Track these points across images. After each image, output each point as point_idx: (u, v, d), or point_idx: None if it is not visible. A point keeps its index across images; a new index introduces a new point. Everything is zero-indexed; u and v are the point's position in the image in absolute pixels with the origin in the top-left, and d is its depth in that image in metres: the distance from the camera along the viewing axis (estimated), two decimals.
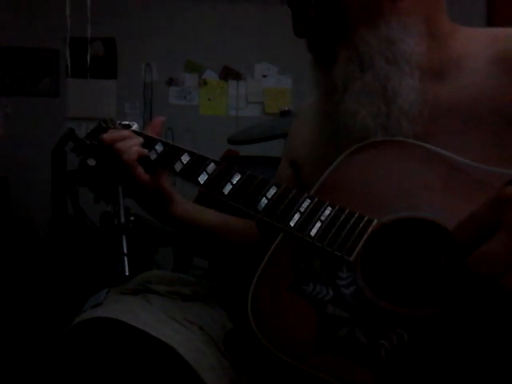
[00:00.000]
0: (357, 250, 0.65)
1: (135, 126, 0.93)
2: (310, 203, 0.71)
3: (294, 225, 0.70)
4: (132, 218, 0.88)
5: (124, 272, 0.81)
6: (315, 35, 0.81)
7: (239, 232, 0.97)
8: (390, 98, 0.76)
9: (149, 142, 0.89)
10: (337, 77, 0.78)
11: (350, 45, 0.78)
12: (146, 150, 0.86)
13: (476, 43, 0.79)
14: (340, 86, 0.78)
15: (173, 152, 0.86)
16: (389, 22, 0.77)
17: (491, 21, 3.70)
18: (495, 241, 0.50)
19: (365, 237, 0.65)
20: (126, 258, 0.82)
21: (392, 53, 0.76)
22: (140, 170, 0.84)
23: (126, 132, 0.89)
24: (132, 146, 0.85)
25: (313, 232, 0.68)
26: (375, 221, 0.66)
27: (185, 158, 0.84)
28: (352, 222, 0.67)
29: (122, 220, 0.86)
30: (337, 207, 0.69)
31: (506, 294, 0.50)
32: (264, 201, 0.74)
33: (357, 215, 0.67)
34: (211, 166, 0.82)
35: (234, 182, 0.78)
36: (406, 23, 0.77)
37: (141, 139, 0.88)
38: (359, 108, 0.77)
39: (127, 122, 0.94)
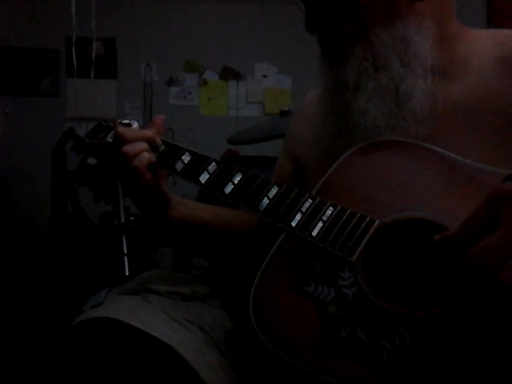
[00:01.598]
0: (358, 250, 0.64)
1: (135, 125, 0.92)
2: (311, 203, 0.71)
3: (296, 225, 0.69)
4: (132, 218, 0.88)
5: (124, 272, 0.81)
6: (329, 31, 0.80)
7: (234, 225, 0.97)
8: (401, 100, 0.76)
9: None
10: (349, 74, 0.78)
11: (364, 43, 0.77)
12: (154, 158, 0.84)
13: (481, 45, 0.80)
14: (351, 84, 0.78)
15: (174, 151, 0.85)
16: (406, 22, 0.76)
17: (491, 21, 3.70)
18: (494, 235, 0.52)
19: (367, 237, 0.65)
20: (126, 258, 0.82)
21: (407, 54, 0.76)
22: (148, 175, 0.82)
23: (135, 132, 0.86)
24: (142, 152, 0.82)
25: (314, 232, 0.68)
26: (377, 221, 0.66)
27: (186, 158, 0.83)
28: (354, 222, 0.67)
29: (122, 220, 0.85)
30: (338, 207, 0.69)
31: (503, 286, 0.50)
32: (265, 201, 0.74)
33: (358, 215, 0.67)
34: (212, 166, 0.81)
35: (236, 182, 0.78)
36: (422, 24, 0.77)
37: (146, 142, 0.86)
38: (371, 107, 0.76)
39: (127, 121, 0.92)
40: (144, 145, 0.83)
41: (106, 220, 2.37)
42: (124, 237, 0.84)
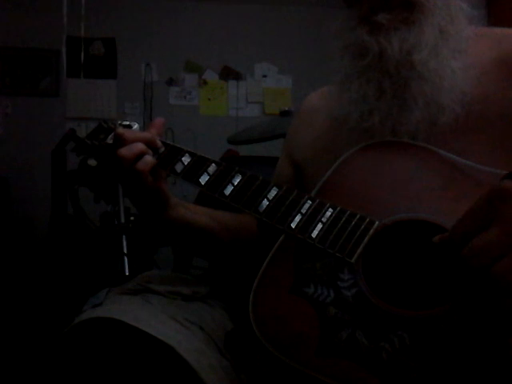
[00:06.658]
0: (358, 251, 0.64)
1: (136, 127, 0.91)
2: (311, 204, 0.71)
3: (296, 226, 0.69)
4: (132, 218, 0.88)
5: (124, 272, 0.81)
6: None
7: (234, 229, 0.95)
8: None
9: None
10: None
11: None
12: (154, 159, 0.82)
13: (481, 44, 0.79)
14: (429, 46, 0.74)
15: (174, 153, 0.84)
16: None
17: (491, 21, 3.70)
18: (488, 232, 0.52)
19: (366, 238, 0.65)
20: (126, 258, 0.82)
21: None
22: (150, 178, 0.81)
23: (135, 133, 0.84)
24: (145, 154, 0.80)
25: (314, 234, 0.68)
26: (376, 222, 0.66)
27: (186, 159, 0.83)
28: (353, 223, 0.67)
29: (122, 220, 0.85)
30: (338, 208, 0.69)
31: (496, 283, 0.51)
32: (265, 202, 0.74)
33: (358, 217, 0.67)
34: (212, 167, 0.80)
35: (235, 183, 0.77)
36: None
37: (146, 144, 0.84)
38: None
39: (128, 123, 0.91)
40: (144, 147, 0.81)
41: (106, 220, 2.37)
42: (124, 237, 0.84)
